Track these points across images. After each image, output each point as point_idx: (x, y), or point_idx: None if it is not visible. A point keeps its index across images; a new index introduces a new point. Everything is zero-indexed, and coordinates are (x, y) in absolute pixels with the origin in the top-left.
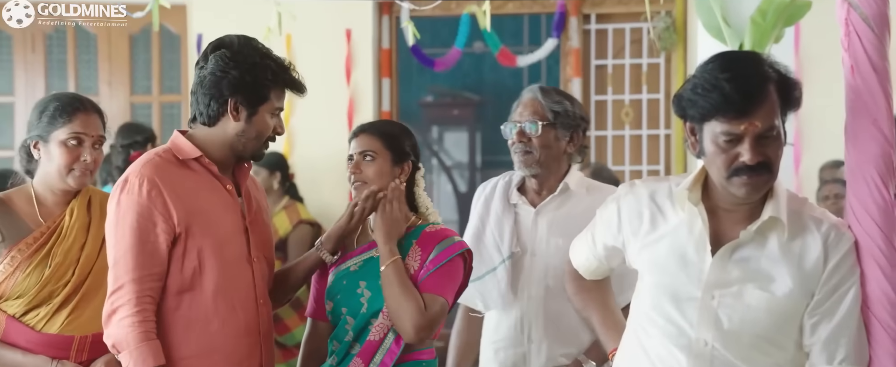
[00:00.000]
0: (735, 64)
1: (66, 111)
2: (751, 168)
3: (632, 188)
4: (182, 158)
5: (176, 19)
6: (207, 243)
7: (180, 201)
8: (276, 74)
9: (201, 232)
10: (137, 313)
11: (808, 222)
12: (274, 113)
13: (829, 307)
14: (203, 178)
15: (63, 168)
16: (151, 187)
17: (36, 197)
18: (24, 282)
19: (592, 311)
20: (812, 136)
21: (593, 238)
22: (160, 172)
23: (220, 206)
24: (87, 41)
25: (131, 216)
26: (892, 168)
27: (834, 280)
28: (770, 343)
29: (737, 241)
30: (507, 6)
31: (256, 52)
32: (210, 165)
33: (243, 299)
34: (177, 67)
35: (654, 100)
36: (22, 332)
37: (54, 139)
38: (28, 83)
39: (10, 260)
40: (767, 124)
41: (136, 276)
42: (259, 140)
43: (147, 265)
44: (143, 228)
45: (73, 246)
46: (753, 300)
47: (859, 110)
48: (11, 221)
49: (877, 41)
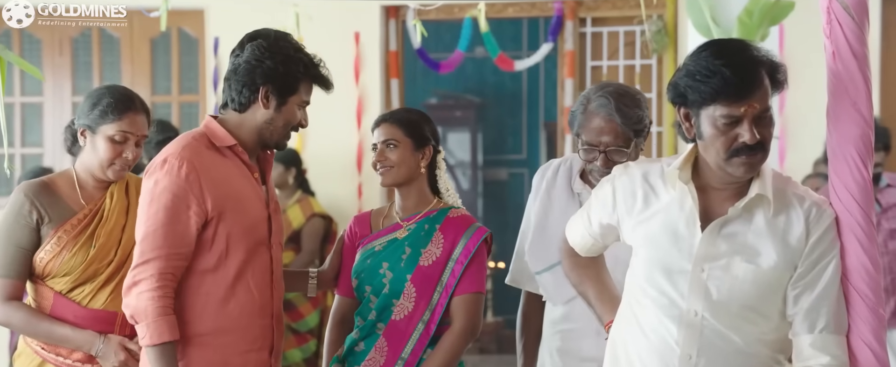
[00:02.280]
0: (728, 50)
1: (118, 108)
2: (750, 148)
3: (626, 169)
4: (216, 145)
5: (194, 23)
6: (236, 229)
7: (215, 187)
8: (307, 68)
9: (232, 218)
10: (158, 288)
11: (791, 199)
12: (301, 105)
13: (810, 279)
14: (235, 165)
15: (105, 162)
16: (190, 170)
17: (78, 181)
18: (70, 261)
19: (588, 286)
20: (797, 133)
21: (589, 217)
22: (198, 156)
23: (249, 193)
24: (111, 44)
25: (167, 196)
26: (870, 148)
27: (815, 254)
28: (756, 313)
29: (725, 217)
30: (507, 10)
31: (290, 45)
32: (242, 153)
33: (260, 282)
34: (195, 69)
35: (646, 99)
36: (69, 307)
37: (102, 133)
38: (56, 84)
39: (56, 240)
40: (763, 106)
41: (163, 253)
42: (285, 130)
43: (175, 244)
44: (177, 208)
45: (115, 228)
46: (740, 272)
47: (840, 94)
48: (57, 204)
49: (856, 28)
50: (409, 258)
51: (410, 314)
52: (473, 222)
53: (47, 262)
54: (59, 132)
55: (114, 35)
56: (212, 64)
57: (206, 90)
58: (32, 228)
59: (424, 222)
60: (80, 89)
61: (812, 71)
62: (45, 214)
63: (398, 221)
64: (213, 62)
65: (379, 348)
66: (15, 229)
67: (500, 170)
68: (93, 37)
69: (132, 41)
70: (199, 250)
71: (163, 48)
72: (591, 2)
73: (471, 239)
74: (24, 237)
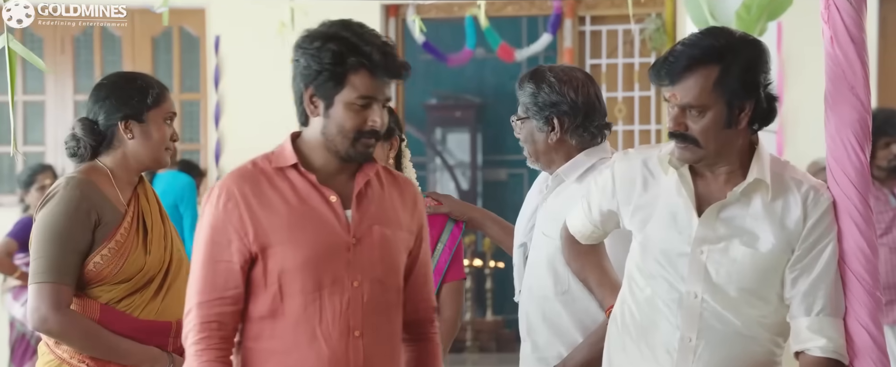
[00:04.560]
0: (695, 35)
1: (163, 94)
2: (672, 134)
3: (625, 156)
4: (277, 166)
5: (195, 22)
6: (290, 265)
7: (260, 218)
8: (352, 52)
9: (283, 253)
10: (201, 340)
11: (789, 183)
12: (359, 103)
13: (808, 263)
14: (299, 189)
15: (161, 146)
16: (228, 200)
17: (115, 180)
18: (130, 267)
19: (589, 273)
20: (795, 129)
21: (589, 205)
22: (245, 182)
23: (310, 221)
24: (112, 43)
25: (208, 231)
26: (868, 133)
27: (812, 237)
28: (755, 296)
29: (724, 201)
30: (506, 9)
31: (330, 30)
32: (307, 173)
33: (329, 329)
34: (196, 67)
35: (645, 97)
36: (121, 319)
37: (153, 118)
38: (57, 83)
39: (114, 244)
40: (686, 99)
41: (203, 299)
42: (343, 136)
43: (217, 288)
44: (217, 244)
45: (165, 230)
46: (739, 255)
47: (838, 79)
48: (106, 204)
49: (854, 13)
50: None
51: None
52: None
53: (103, 268)
54: (61, 130)
55: (115, 34)
56: (213, 62)
57: (207, 89)
58: (91, 230)
59: None
60: (81, 88)
61: (810, 68)
62: (101, 215)
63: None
64: (215, 60)
65: None
66: (74, 231)
67: (499, 170)
68: (94, 35)
69: (133, 40)
70: (252, 293)
71: (164, 47)
72: (590, 0)
73: (455, 226)
74: (82, 240)
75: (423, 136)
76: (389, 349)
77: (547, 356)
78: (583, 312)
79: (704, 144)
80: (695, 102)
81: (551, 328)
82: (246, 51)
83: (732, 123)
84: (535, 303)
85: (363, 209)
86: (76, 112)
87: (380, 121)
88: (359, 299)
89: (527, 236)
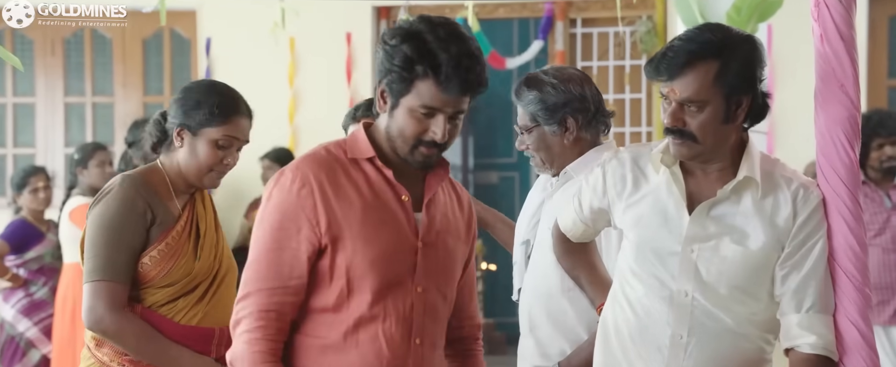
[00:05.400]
0: (691, 30)
1: (226, 112)
2: (669, 130)
3: (616, 154)
4: (352, 157)
5: (186, 24)
6: (359, 262)
7: (334, 208)
8: (426, 59)
9: (353, 247)
10: (256, 328)
11: (779, 180)
12: (422, 111)
13: (798, 260)
14: (373, 183)
15: (204, 168)
16: (303, 185)
17: (171, 183)
18: (178, 271)
19: (581, 271)
20: (786, 131)
21: (580, 203)
22: (321, 169)
23: (383, 218)
24: (102, 45)
25: (276, 215)
26: (857, 130)
27: (802, 234)
28: (745, 294)
29: (714, 199)
30: (498, 11)
31: (408, 30)
32: (383, 168)
33: (391, 333)
34: (187, 70)
35: (636, 99)
36: (162, 324)
37: (205, 136)
38: (48, 85)
39: (165, 246)
40: (686, 94)
41: (264, 286)
42: (403, 140)
43: (281, 276)
44: (286, 230)
45: (217, 239)
46: (729, 253)
47: (828, 76)
48: (160, 205)
49: (844, 11)
50: None
51: None
52: None
53: (150, 269)
54: (50, 132)
55: (106, 36)
56: (204, 64)
57: None
58: (146, 228)
59: None
60: (72, 90)
61: (800, 70)
62: (156, 214)
63: None
64: (206, 62)
65: None
66: (129, 228)
67: (490, 173)
68: (85, 37)
69: (124, 42)
70: (316, 285)
71: (155, 49)
72: (581, 2)
73: None
74: (137, 239)
75: None
76: (439, 362)
77: (549, 352)
78: (588, 309)
79: (702, 140)
80: (695, 97)
81: (555, 324)
82: (237, 53)
83: (729, 118)
84: (538, 300)
85: (432, 215)
86: (66, 114)
87: (441, 133)
88: (421, 305)
89: (530, 234)
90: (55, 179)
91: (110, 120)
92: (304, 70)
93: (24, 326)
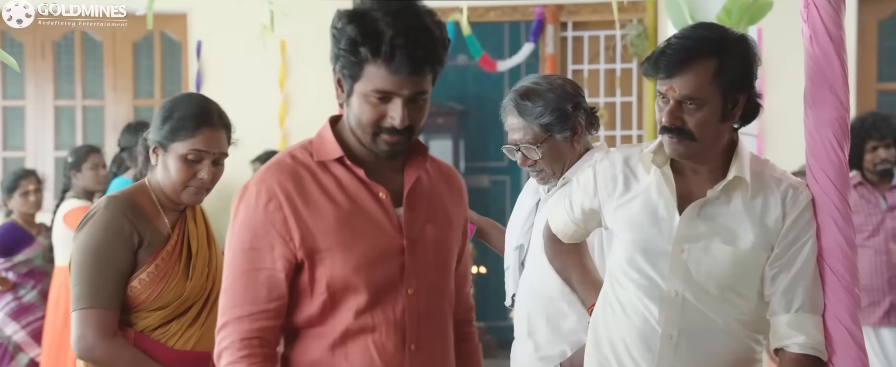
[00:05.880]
0: (688, 30)
1: (192, 125)
2: (667, 129)
3: (607, 155)
4: (319, 160)
5: (176, 27)
6: (339, 272)
7: (306, 220)
8: (366, 40)
9: (332, 259)
10: (241, 359)
11: (769, 181)
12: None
13: (787, 260)
14: (346, 186)
15: (177, 184)
16: (270, 199)
17: (159, 202)
18: (169, 294)
19: (571, 271)
20: (775, 135)
21: (571, 204)
22: (288, 179)
23: (360, 222)
24: (93, 48)
25: (246, 234)
26: (846, 131)
27: (792, 235)
28: (735, 294)
29: (704, 199)
30: (489, 14)
31: (355, 10)
32: (354, 167)
33: (383, 343)
34: (177, 73)
35: (627, 102)
36: (155, 349)
37: (173, 151)
38: (38, 88)
39: (154, 269)
40: (686, 92)
41: (243, 313)
42: (362, 129)
43: (258, 300)
44: (258, 250)
45: (208, 258)
46: (719, 253)
47: (817, 77)
48: (148, 225)
49: (833, 12)
50: None
51: None
52: None
53: (140, 293)
54: (40, 136)
55: (96, 39)
56: (194, 67)
57: None
58: (133, 251)
59: None
60: (62, 93)
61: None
62: (144, 235)
63: None
64: (196, 66)
65: None
66: (115, 252)
67: (481, 177)
68: (75, 40)
69: (115, 45)
70: (299, 301)
71: (145, 52)
72: (571, 6)
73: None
74: (124, 262)
75: None
76: (443, 361)
77: (549, 354)
78: None
79: (700, 138)
80: (694, 95)
81: (554, 328)
82: (227, 56)
83: (726, 116)
84: (537, 303)
85: (415, 207)
86: (57, 117)
87: (400, 118)
88: (414, 308)
89: (523, 238)
90: (46, 183)
91: (101, 123)
92: (294, 73)
93: (12, 329)
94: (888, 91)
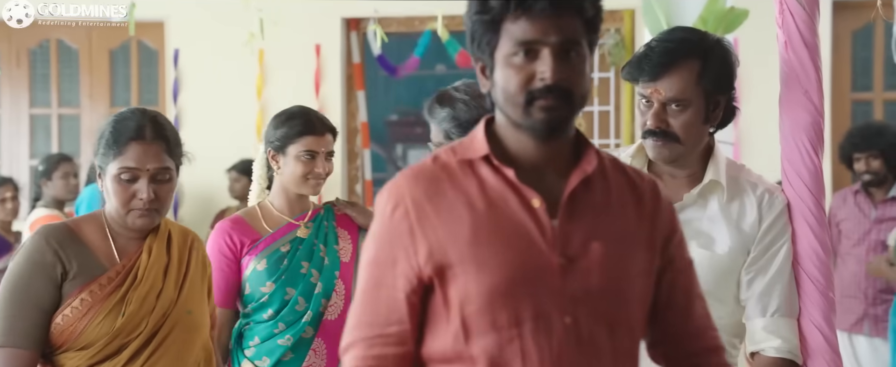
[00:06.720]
0: (667, 33)
1: (118, 141)
2: (652, 132)
3: None
4: (462, 158)
5: (154, 35)
6: (475, 293)
7: (436, 230)
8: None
9: (465, 275)
10: None
11: (744, 185)
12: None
13: (763, 264)
14: (490, 189)
15: (118, 207)
16: (397, 206)
17: (109, 229)
18: (94, 331)
19: None
20: (751, 144)
21: None
22: (421, 182)
23: (505, 234)
24: (69, 56)
25: (372, 246)
26: (821, 136)
27: (767, 239)
28: (711, 298)
29: (680, 203)
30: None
31: None
32: (503, 167)
33: None
34: (154, 81)
35: (604, 112)
36: None
37: (107, 173)
38: (13, 96)
39: (79, 303)
40: (671, 94)
41: (362, 336)
42: (512, 102)
43: (377, 322)
44: (381, 265)
45: (151, 292)
46: (696, 257)
47: (792, 82)
48: (84, 256)
49: (808, 18)
50: (330, 255)
51: (343, 311)
52: None
53: (64, 330)
54: (15, 144)
55: (72, 46)
56: (172, 76)
57: (166, 102)
58: (56, 284)
59: (320, 218)
60: (37, 101)
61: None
62: (70, 267)
63: (290, 220)
64: (173, 74)
65: (317, 351)
66: (33, 285)
67: None
68: (51, 48)
69: (91, 53)
70: (431, 328)
71: (122, 60)
72: None
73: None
74: (45, 296)
75: (385, 151)
76: None
77: None
78: None
79: (685, 140)
80: (680, 96)
81: None
82: (205, 64)
83: (708, 118)
84: None
85: (575, 218)
86: (32, 126)
87: (550, 70)
88: (573, 341)
89: None
90: (22, 191)
91: (76, 132)
92: (272, 82)
93: None
94: (862, 101)
